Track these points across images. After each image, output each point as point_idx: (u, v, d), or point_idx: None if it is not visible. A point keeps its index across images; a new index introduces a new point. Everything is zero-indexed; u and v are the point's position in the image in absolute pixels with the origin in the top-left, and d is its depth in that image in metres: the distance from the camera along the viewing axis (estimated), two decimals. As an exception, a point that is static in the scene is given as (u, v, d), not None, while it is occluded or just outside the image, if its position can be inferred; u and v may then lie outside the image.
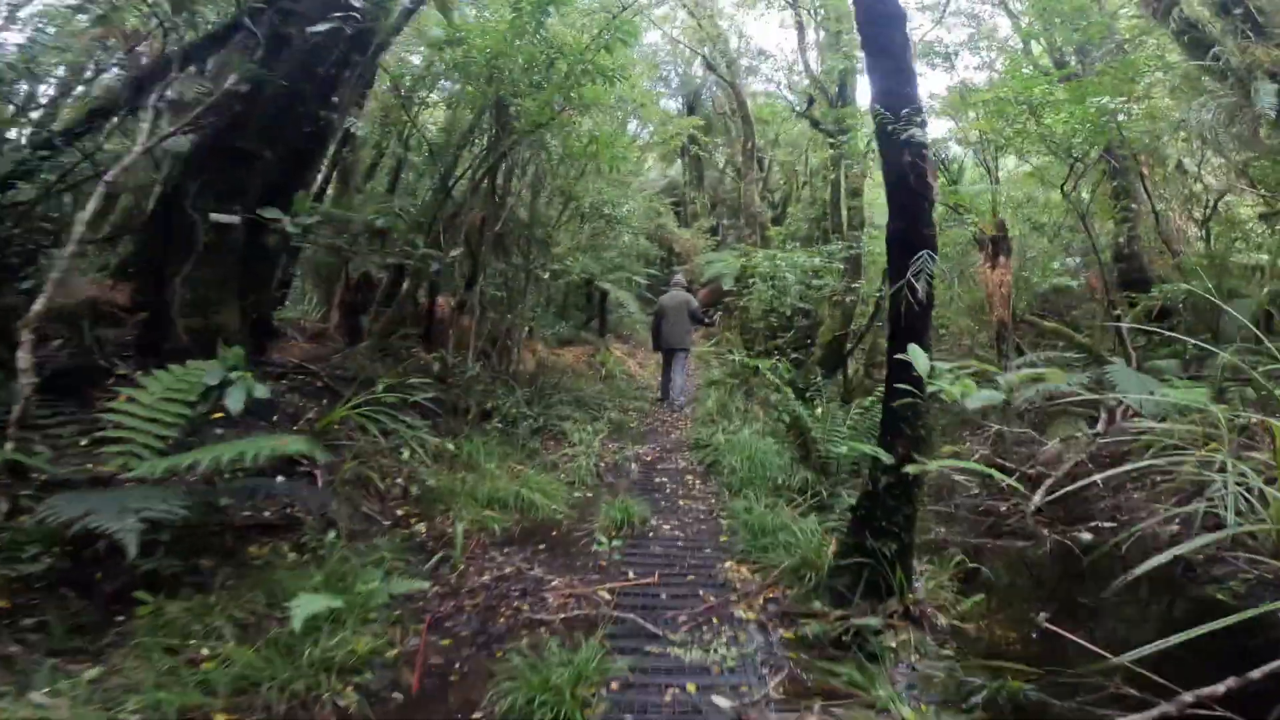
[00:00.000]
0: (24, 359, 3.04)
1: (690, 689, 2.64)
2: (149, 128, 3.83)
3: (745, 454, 5.43)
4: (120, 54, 5.41)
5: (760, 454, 5.41)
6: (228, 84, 4.03)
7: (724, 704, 2.56)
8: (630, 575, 3.67)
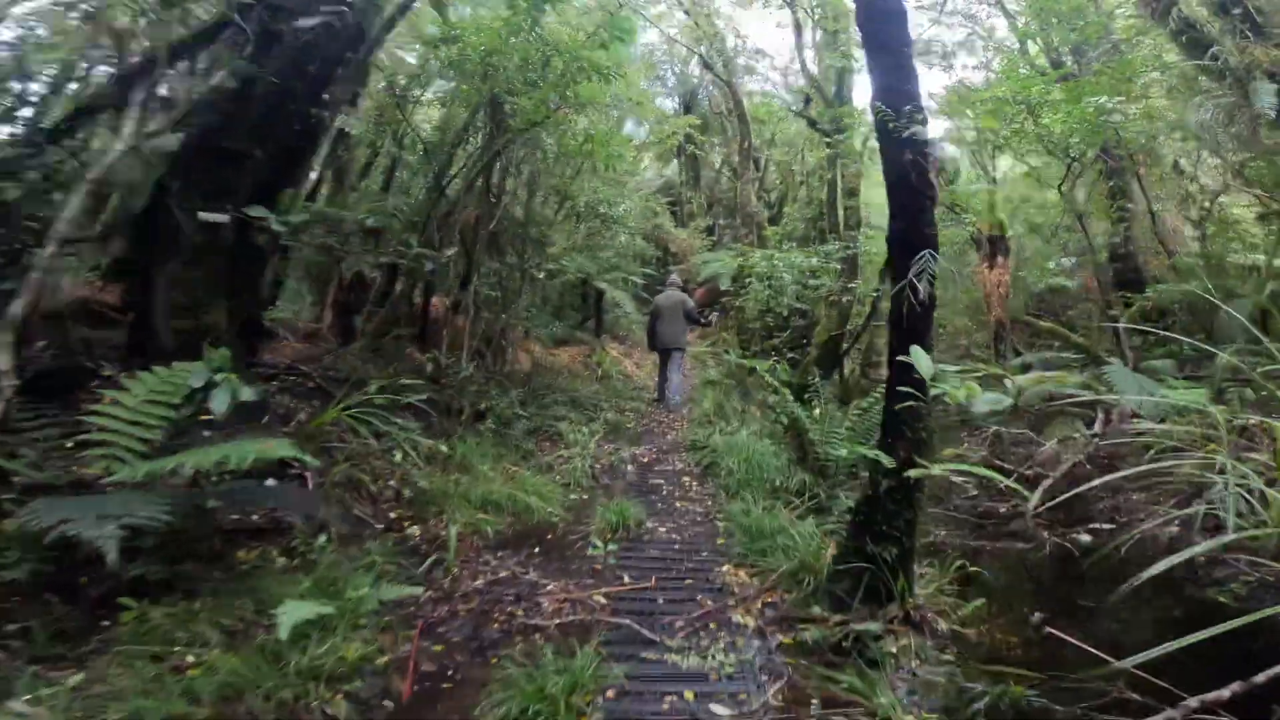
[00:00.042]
0: (3, 360, 2.96)
1: (688, 697, 2.60)
2: (134, 125, 3.75)
3: (742, 455, 5.39)
4: (109, 51, 5.32)
5: (757, 455, 5.37)
6: (215, 81, 3.95)
7: (723, 712, 2.52)
8: (626, 579, 3.63)
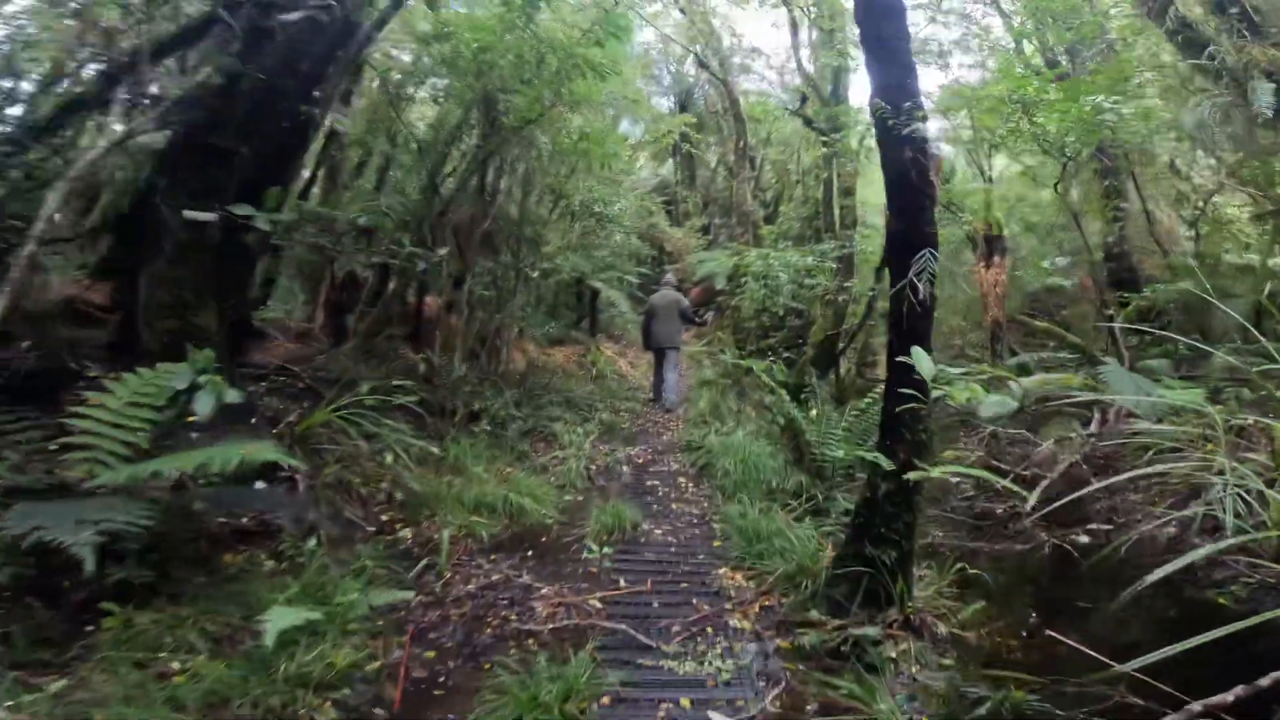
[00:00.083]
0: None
1: (685, 704, 2.56)
2: (117, 123, 3.68)
3: (738, 456, 5.35)
4: (98, 49, 5.24)
5: (754, 456, 5.33)
6: (200, 78, 3.87)
7: (720, 720, 2.48)
8: (621, 583, 3.59)
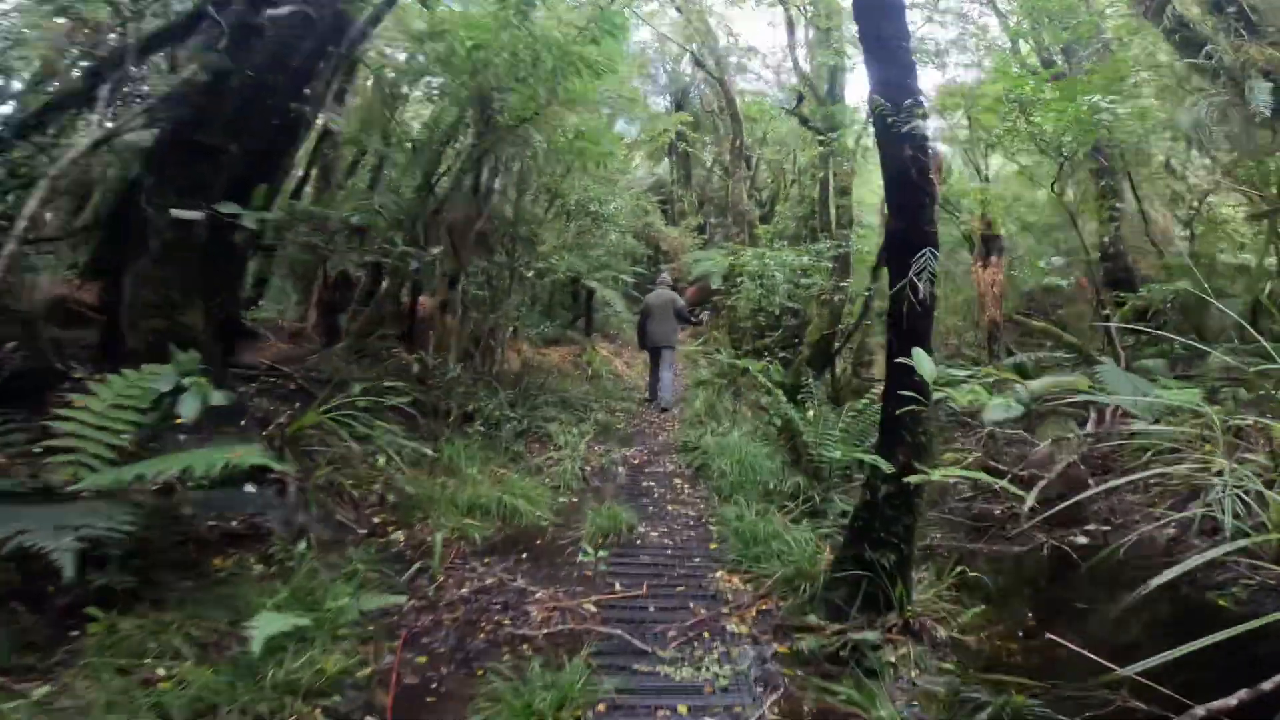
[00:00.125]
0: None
1: (681, 711, 2.51)
2: (100, 120, 3.61)
3: (735, 457, 5.31)
4: (86, 47, 5.16)
5: (750, 457, 5.29)
6: (185, 74, 3.81)
7: (717, 727, 2.44)
8: (617, 587, 3.54)
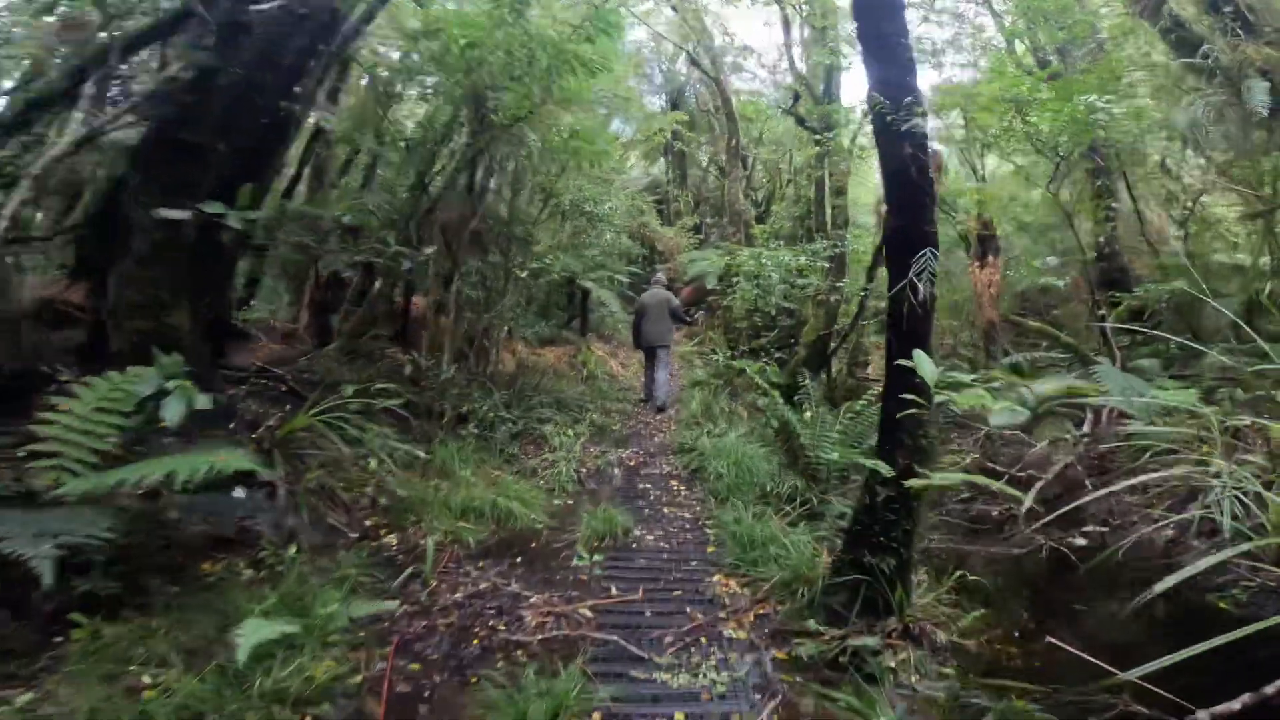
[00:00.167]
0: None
1: (679, 719, 2.46)
2: (83, 119, 3.54)
3: (731, 459, 5.27)
4: (74, 44, 5.09)
5: (746, 459, 5.25)
6: (169, 72, 3.74)
7: (715, 736, 2.39)
8: (613, 591, 3.49)
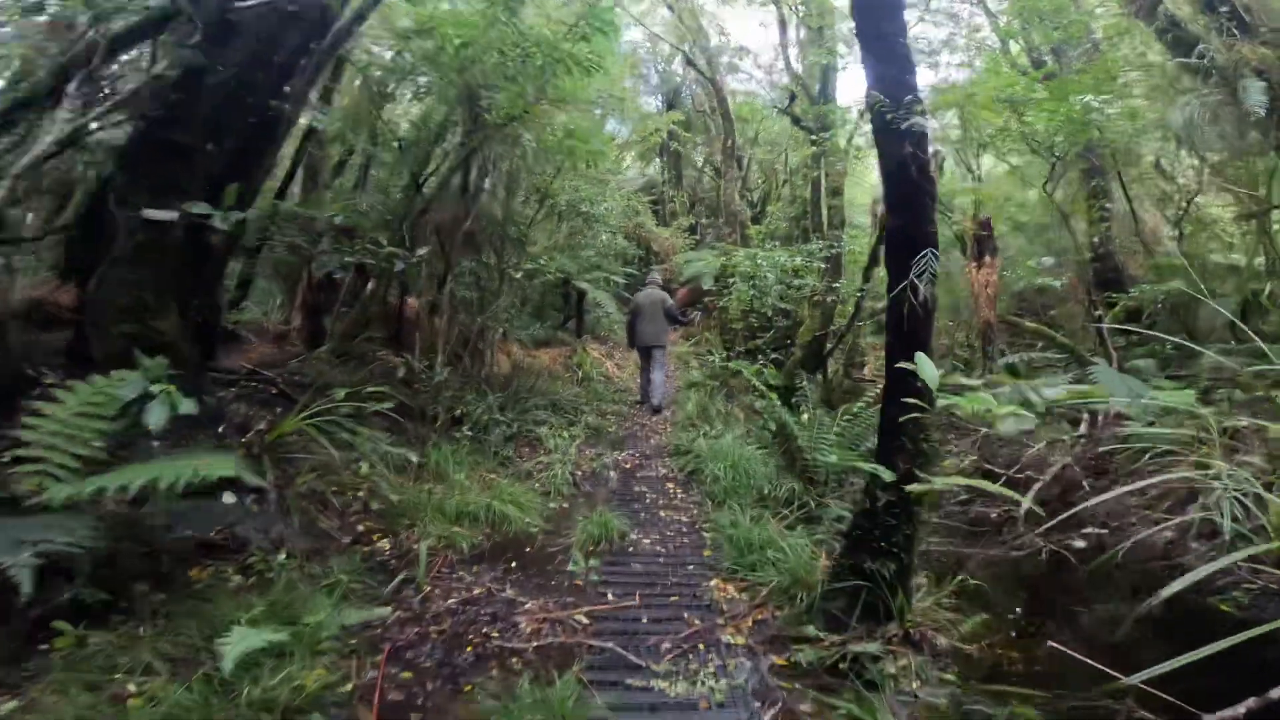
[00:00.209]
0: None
1: (676, 728, 2.42)
2: (65, 118, 3.48)
3: (728, 461, 5.22)
4: (63, 44, 5.02)
5: (743, 461, 5.20)
6: (154, 71, 3.68)
7: (713, 745, 2.34)
8: (609, 596, 3.44)
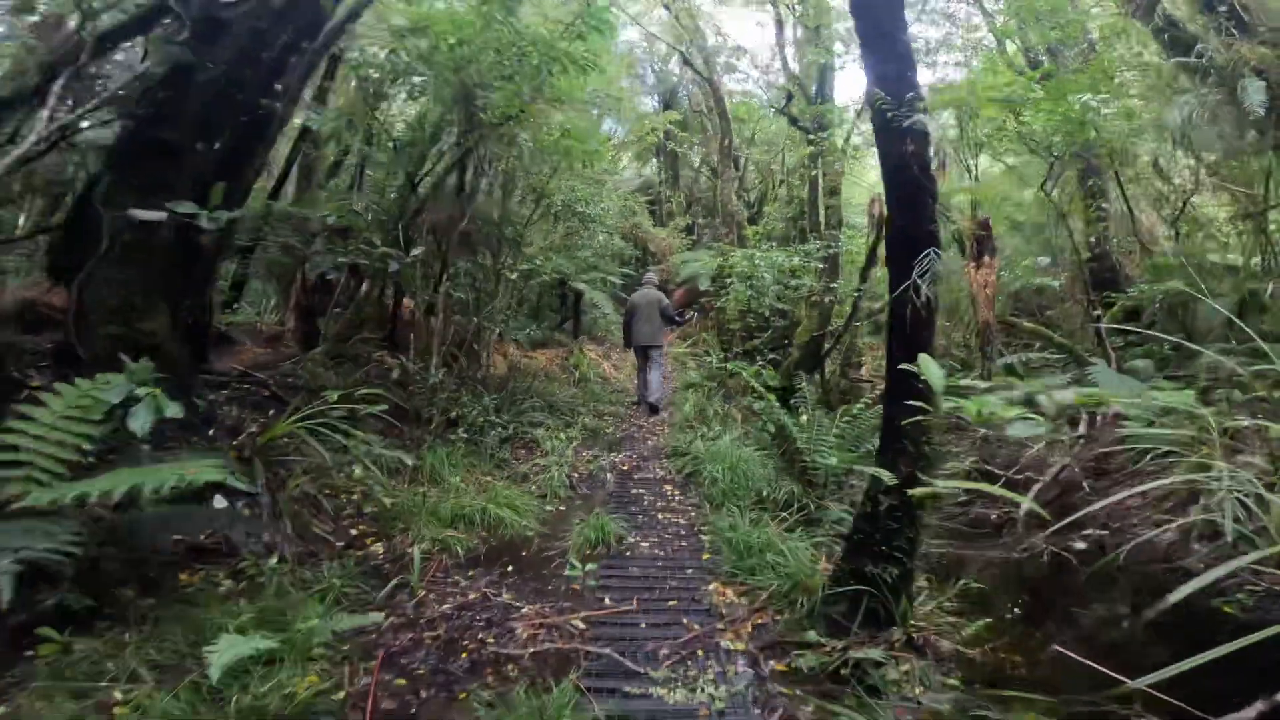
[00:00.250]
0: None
1: (675, 737, 2.37)
2: (49, 117, 3.42)
3: (726, 463, 5.18)
4: (54, 43, 4.96)
5: (742, 463, 5.16)
6: (140, 69, 3.62)
7: (713, 754, 2.30)
8: (607, 601, 3.38)
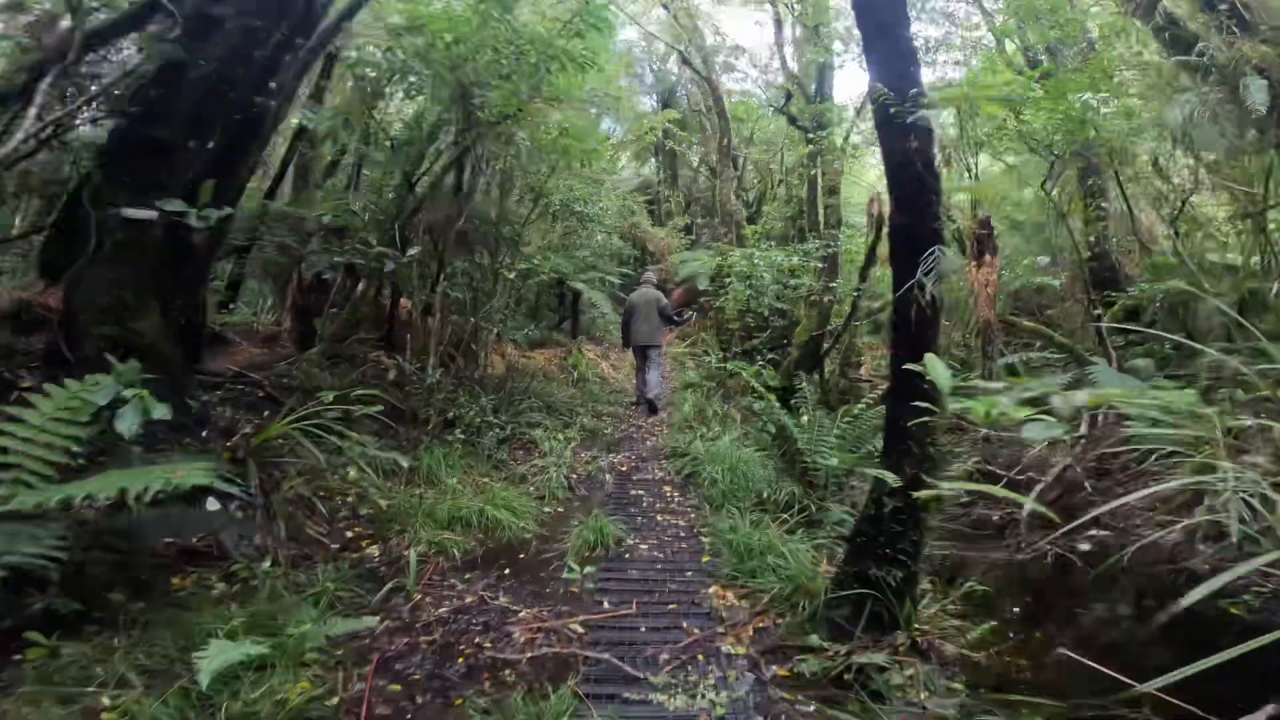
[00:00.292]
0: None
1: (676, 744, 2.33)
2: (35, 116, 3.38)
3: (726, 464, 5.13)
4: (47, 41, 4.92)
5: (742, 464, 5.12)
6: (130, 67, 3.58)
7: (714, 761, 2.26)
8: (605, 605, 3.34)
